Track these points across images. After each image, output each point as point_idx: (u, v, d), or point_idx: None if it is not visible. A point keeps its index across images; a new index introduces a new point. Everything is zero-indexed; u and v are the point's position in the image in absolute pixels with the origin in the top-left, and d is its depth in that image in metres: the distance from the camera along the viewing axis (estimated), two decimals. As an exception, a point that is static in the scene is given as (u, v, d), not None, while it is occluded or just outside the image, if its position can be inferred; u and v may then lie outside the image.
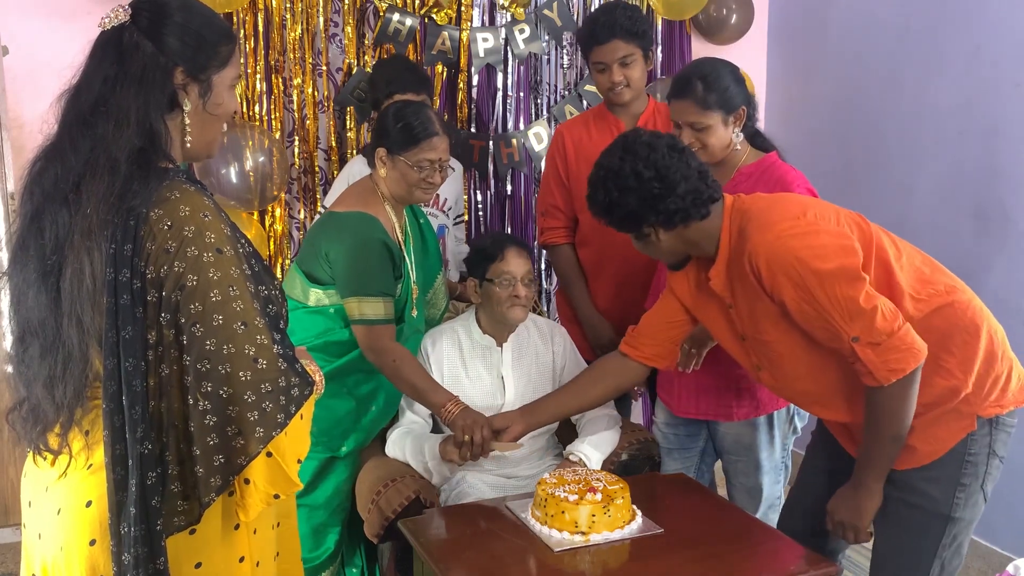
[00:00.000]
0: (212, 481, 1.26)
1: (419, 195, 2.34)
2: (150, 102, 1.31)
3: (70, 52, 1.36)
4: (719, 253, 1.89)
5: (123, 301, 1.24)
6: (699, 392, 2.38)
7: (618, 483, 2.00)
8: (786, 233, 1.76)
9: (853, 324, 1.71)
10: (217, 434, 1.25)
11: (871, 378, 1.74)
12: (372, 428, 2.41)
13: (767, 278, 1.77)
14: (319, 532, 2.38)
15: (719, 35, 3.75)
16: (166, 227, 1.26)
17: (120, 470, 1.25)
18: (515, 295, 2.34)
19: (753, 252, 1.78)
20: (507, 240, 2.42)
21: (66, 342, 1.28)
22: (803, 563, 1.86)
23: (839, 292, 1.71)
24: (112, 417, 1.25)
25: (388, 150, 2.28)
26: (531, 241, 3.66)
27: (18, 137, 3.11)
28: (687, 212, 1.84)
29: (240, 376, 1.25)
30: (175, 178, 1.32)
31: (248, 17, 3.22)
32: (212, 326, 1.25)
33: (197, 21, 1.37)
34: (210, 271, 1.27)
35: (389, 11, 3.31)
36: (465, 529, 2.04)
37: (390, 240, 2.28)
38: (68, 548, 1.31)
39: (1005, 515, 2.97)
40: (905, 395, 1.75)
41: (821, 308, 1.73)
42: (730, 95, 2.18)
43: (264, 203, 3.18)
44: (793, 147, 3.91)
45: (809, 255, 1.73)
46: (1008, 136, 2.88)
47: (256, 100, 3.26)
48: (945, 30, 3.08)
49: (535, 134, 3.57)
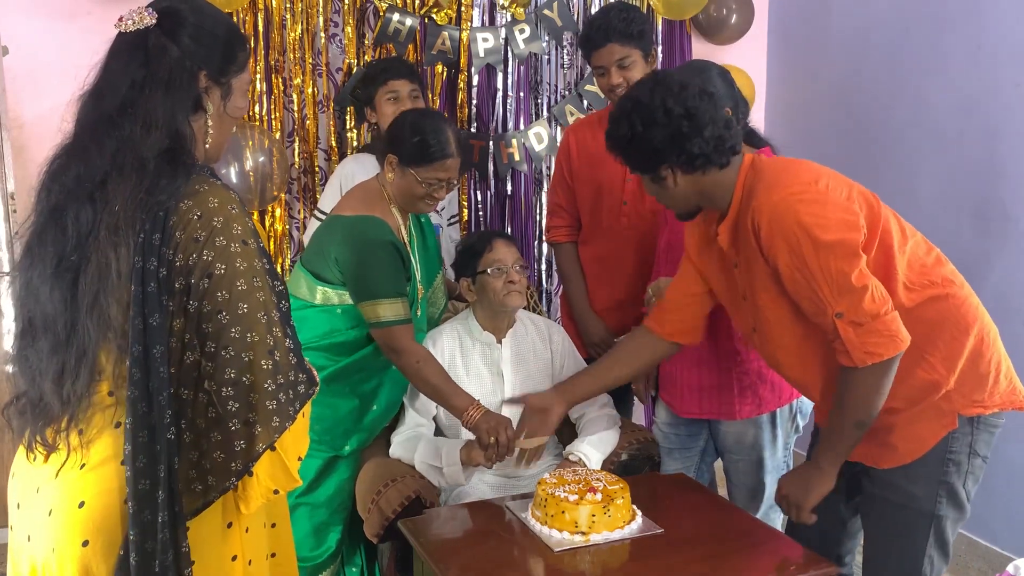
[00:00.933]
0: (233, 466, 1.29)
1: (421, 207, 2.35)
2: (177, 105, 1.33)
3: (70, 52, 1.37)
4: (730, 209, 1.86)
5: (150, 289, 1.26)
6: (702, 392, 2.37)
7: (618, 483, 2.00)
8: (794, 196, 1.74)
9: (840, 299, 1.70)
10: (239, 420, 1.28)
11: (847, 357, 1.74)
12: (374, 427, 2.41)
13: (765, 238, 1.76)
14: (320, 531, 2.38)
15: (719, 35, 3.75)
16: (195, 217, 1.29)
17: (143, 458, 1.26)
18: (510, 281, 2.36)
19: (757, 209, 1.76)
20: (492, 233, 2.49)
21: (81, 337, 1.29)
22: (803, 563, 1.86)
23: (833, 265, 1.70)
24: (136, 404, 1.26)
25: (400, 159, 2.27)
26: (532, 240, 3.67)
27: (18, 137, 3.11)
28: (709, 158, 1.79)
29: (262, 365, 1.29)
30: (201, 172, 1.34)
31: (248, 17, 3.22)
32: (237, 314, 1.28)
33: (217, 26, 1.40)
34: (237, 261, 1.30)
35: (389, 11, 3.32)
36: (465, 529, 2.05)
37: (398, 241, 2.28)
38: (60, 549, 1.31)
39: (1005, 515, 2.97)
40: (878, 383, 1.74)
41: (812, 277, 1.72)
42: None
43: (264, 203, 3.18)
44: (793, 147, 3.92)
45: (812, 222, 1.71)
46: (1008, 136, 2.88)
47: (256, 100, 3.26)
48: (945, 30, 3.08)
49: (535, 134, 3.57)
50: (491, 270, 2.37)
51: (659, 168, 1.83)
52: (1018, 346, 1.95)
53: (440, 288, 2.61)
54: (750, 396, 2.33)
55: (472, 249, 2.42)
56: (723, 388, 2.35)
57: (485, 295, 2.40)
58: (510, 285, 2.37)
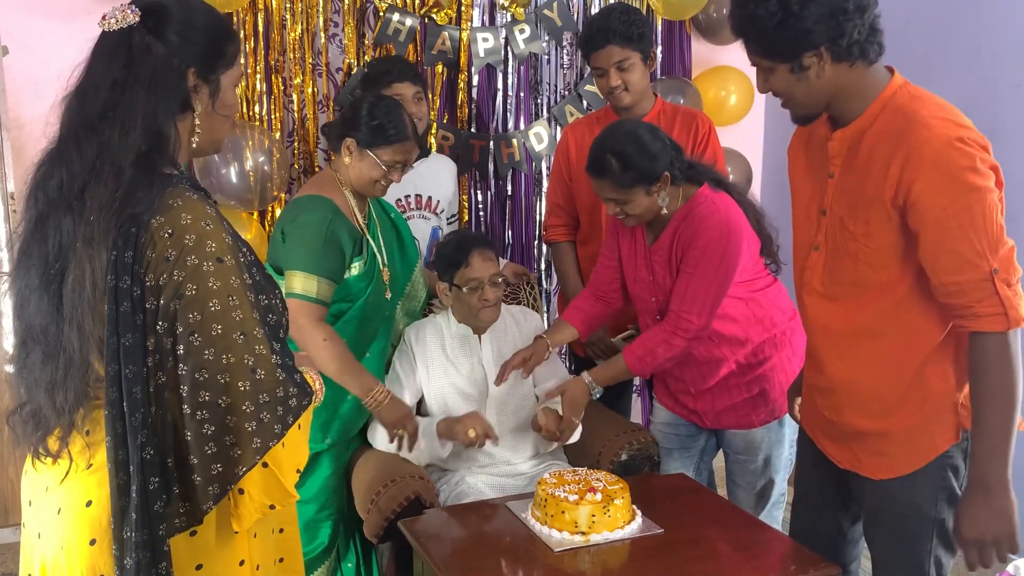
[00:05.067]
0: (210, 490, 1.27)
1: (375, 190, 2.38)
2: (160, 105, 1.30)
3: (70, 52, 1.35)
4: (860, 118, 1.68)
5: (124, 308, 1.24)
6: (718, 411, 2.40)
7: (618, 483, 2.00)
8: (972, 142, 1.56)
9: (995, 256, 1.55)
10: (215, 443, 1.25)
11: (999, 320, 1.56)
12: (351, 418, 2.42)
13: (922, 170, 1.56)
14: (310, 527, 2.40)
15: (719, 35, 3.75)
16: (167, 235, 1.26)
17: (123, 475, 1.25)
18: (484, 299, 2.37)
19: (923, 137, 1.56)
20: (470, 243, 2.41)
21: (67, 348, 1.28)
22: (803, 563, 1.86)
23: (991, 217, 1.54)
24: (114, 423, 1.25)
25: (358, 142, 2.31)
26: (532, 240, 3.67)
27: (18, 137, 3.11)
28: (863, 47, 1.62)
29: (239, 386, 1.25)
30: (178, 185, 1.31)
31: (248, 17, 3.22)
32: (211, 336, 1.25)
33: (205, 21, 1.37)
34: (210, 280, 1.26)
35: (389, 11, 3.31)
36: (465, 529, 2.05)
37: (344, 221, 2.30)
38: (68, 547, 1.31)
39: (1005, 515, 2.97)
40: (1017, 351, 1.58)
41: (975, 227, 1.54)
42: (648, 166, 2.14)
43: (264, 203, 3.18)
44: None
45: (977, 174, 1.55)
46: (1008, 136, 2.88)
47: (256, 100, 3.26)
48: (945, 30, 3.08)
49: (535, 134, 3.57)
50: (466, 289, 2.37)
51: (806, 54, 1.61)
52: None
53: (420, 280, 2.63)
54: (762, 405, 2.35)
55: (449, 259, 2.42)
56: (737, 405, 2.37)
57: (460, 305, 2.42)
58: (484, 302, 2.37)
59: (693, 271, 2.18)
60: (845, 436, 1.84)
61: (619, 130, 2.22)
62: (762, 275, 2.32)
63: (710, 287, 2.17)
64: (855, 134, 1.69)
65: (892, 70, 1.71)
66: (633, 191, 2.16)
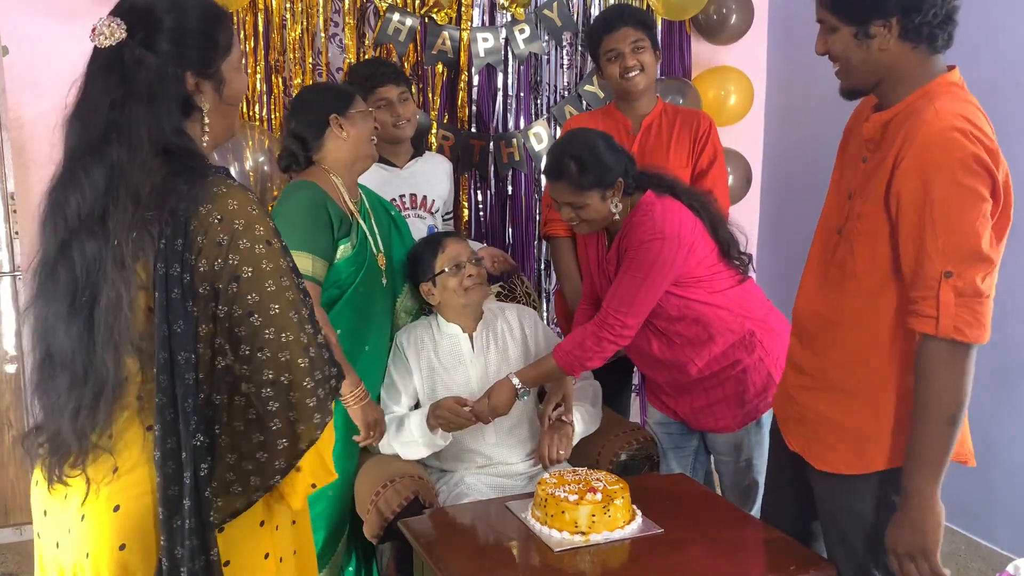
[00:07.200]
0: (277, 464, 1.29)
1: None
2: (162, 117, 1.29)
3: (70, 52, 1.34)
4: (898, 104, 1.63)
5: (174, 295, 1.25)
6: (695, 411, 2.42)
7: (618, 483, 2.00)
8: (973, 137, 1.52)
9: (955, 261, 1.50)
10: (280, 419, 1.28)
11: (931, 323, 1.52)
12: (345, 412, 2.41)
13: (911, 151, 1.54)
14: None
15: (719, 35, 3.76)
16: (216, 220, 1.27)
17: (172, 464, 1.26)
18: (468, 275, 2.40)
19: (923, 120, 1.53)
20: (439, 235, 2.51)
21: (100, 372, 1.26)
22: (802, 562, 1.86)
23: (968, 218, 1.49)
24: (164, 411, 1.25)
25: (339, 113, 2.33)
26: (532, 240, 3.67)
27: (18, 137, 3.11)
28: (933, 31, 1.57)
29: (299, 363, 1.29)
30: (216, 174, 1.32)
31: (248, 17, 3.22)
32: (270, 315, 1.28)
33: (194, 19, 1.34)
34: (263, 262, 1.29)
35: (389, 11, 3.32)
36: (465, 529, 2.05)
37: (330, 201, 2.30)
38: (96, 554, 1.29)
39: (1005, 515, 2.98)
40: (963, 367, 1.53)
41: (945, 221, 1.50)
42: (604, 171, 2.20)
43: (264, 203, 3.15)
44: (793, 147, 3.92)
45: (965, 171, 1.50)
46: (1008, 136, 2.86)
47: (256, 100, 3.26)
48: (945, 30, 3.07)
49: (535, 134, 3.58)
50: (448, 268, 2.39)
51: (876, 21, 1.57)
52: (1018, 347, 1.94)
53: None
54: (738, 406, 2.36)
55: (423, 255, 2.44)
56: (713, 406, 2.39)
57: (447, 294, 2.42)
58: (469, 279, 2.40)
59: (625, 272, 2.22)
60: (804, 419, 1.83)
61: (578, 137, 2.30)
62: (721, 276, 2.31)
63: (639, 288, 2.19)
64: (888, 119, 1.65)
65: (953, 68, 1.66)
66: (589, 194, 2.21)
